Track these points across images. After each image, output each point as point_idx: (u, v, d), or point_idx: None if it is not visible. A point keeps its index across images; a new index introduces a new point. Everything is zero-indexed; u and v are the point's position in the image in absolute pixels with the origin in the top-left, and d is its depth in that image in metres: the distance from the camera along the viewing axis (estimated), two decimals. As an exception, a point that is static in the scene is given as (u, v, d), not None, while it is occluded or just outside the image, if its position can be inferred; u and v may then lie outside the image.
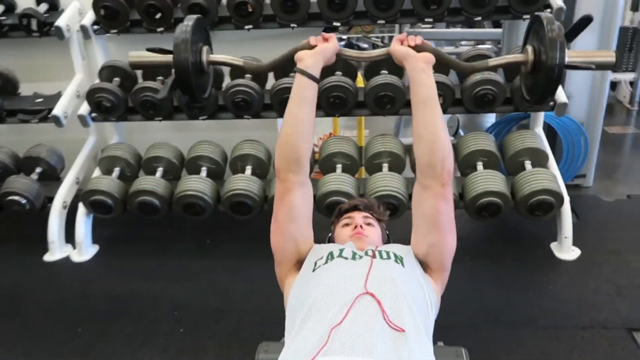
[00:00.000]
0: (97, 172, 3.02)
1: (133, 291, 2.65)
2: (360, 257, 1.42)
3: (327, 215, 2.68)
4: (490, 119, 4.60)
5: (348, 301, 1.24)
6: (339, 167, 2.85)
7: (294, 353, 1.18)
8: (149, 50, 1.56)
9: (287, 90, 2.37)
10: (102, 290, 2.69)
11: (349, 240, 1.60)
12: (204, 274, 2.80)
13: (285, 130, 1.40)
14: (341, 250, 1.45)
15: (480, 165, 2.78)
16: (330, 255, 1.44)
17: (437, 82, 1.53)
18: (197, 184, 2.79)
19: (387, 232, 1.73)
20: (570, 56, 1.41)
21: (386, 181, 2.65)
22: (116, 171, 2.97)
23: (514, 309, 2.38)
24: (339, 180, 2.70)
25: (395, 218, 2.57)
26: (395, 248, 1.50)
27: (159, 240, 3.13)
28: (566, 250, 2.75)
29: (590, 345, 2.14)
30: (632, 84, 5.29)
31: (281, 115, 2.70)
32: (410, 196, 1.87)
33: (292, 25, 2.85)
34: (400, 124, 4.34)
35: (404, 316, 1.24)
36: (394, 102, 2.67)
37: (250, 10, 2.79)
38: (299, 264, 1.48)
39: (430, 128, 1.38)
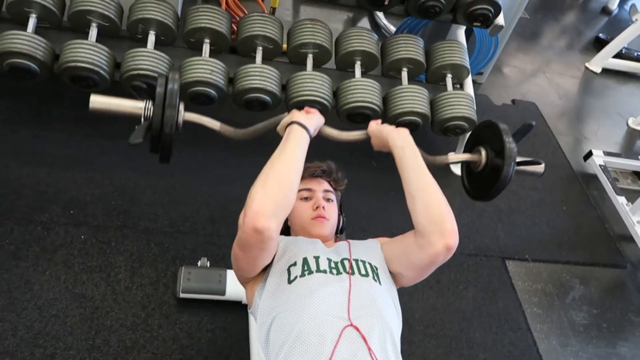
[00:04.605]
0: None
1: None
2: (338, 271, 1.40)
3: (246, 108, 2.46)
4: None
5: (334, 336, 1.25)
6: (259, 50, 2.53)
7: None
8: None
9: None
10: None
11: (309, 221, 1.57)
12: (97, 158, 2.42)
13: (281, 178, 1.27)
14: (317, 259, 1.41)
15: (405, 73, 2.69)
16: (307, 266, 1.39)
17: None
18: (90, 53, 2.28)
19: (340, 203, 1.71)
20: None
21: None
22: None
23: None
24: (262, 75, 2.42)
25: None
26: (368, 252, 1.49)
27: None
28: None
29: (474, 273, 2.46)
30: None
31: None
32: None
33: None
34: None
35: (389, 355, 1.29)
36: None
37: None
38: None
39: (424, 194, 1.39)
